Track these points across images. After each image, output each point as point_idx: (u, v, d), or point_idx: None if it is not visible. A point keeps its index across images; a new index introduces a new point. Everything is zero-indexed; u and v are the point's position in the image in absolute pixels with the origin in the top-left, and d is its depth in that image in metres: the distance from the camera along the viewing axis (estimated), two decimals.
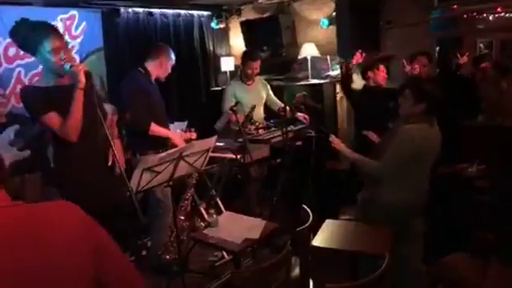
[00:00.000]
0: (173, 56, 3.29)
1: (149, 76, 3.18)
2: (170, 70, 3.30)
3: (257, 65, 4.04)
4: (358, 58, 3.81)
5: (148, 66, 3.18)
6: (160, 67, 3.19)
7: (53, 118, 2.19)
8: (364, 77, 3.93)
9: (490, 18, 4.04)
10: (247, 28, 5.40)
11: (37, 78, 3.94)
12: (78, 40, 4.39)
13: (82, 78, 2.12)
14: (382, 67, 3.89)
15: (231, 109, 3.12)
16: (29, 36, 2.14)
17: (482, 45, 4.20)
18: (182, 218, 3.21)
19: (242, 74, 4.13)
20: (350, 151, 2.72)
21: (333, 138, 2.78)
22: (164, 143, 3.16)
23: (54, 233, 0.97)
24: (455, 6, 4.03)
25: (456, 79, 3.91)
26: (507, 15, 3.90)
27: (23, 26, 2.15)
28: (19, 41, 2.17)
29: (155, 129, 3.08)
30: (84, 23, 4.43)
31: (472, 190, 3.31)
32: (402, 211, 2.56)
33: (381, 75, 3.85)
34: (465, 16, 4.05)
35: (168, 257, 3.15)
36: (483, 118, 4.08)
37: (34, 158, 2.62)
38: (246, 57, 4.08)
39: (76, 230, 1.00)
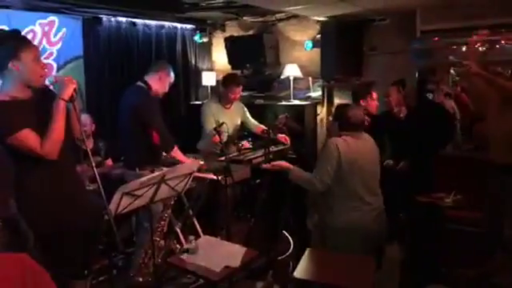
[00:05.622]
0: (172, 74, 3.32)
1: (150, 90, 3.19)
2: (167, 88, 3.32)
3: (240, 90, 3.98)
4: None
5: (148, 80, 3.21)
6: (159, 82, 3.23)
7: (29, 135, 1.93)
8: (356, 104, 3.91)
9: (463, 49, 4.16)
10: (231, 44, 5.37)
11: None
12: (57, 47, 4.24)
13: (70, 91, 1.98)
14: (374, 95, 3.86)
15: (215, 129, 3.06)
16: (5, 43, 1.95)
17: (453, 71, 4.31)
18: (158, 239, 3.09)
19: (221, 96, 4.04)
20: (289, 165, 2.85)
21: (272, 163, 2.93)
22: (159, 159, 3.21)
23: None
24: (436, 38, 4.13)
25: (432, 107, 4.00)
26: (480, 48, 4.02)
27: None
28: None
29: (177, 151, 3.15)
30: (64, 30, 4.28)
31: (448, 221, 3.36)
32: (355, 232, 2.55)
33: (373, 103, 3.84)
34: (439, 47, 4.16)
35: (141, 279, 3.03)
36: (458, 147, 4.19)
37: None
38: (230, 81, 3.96)
39: None
